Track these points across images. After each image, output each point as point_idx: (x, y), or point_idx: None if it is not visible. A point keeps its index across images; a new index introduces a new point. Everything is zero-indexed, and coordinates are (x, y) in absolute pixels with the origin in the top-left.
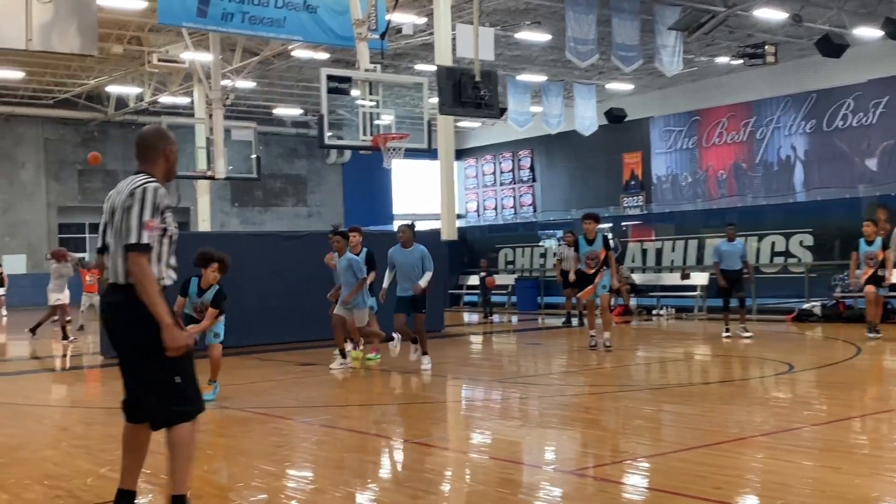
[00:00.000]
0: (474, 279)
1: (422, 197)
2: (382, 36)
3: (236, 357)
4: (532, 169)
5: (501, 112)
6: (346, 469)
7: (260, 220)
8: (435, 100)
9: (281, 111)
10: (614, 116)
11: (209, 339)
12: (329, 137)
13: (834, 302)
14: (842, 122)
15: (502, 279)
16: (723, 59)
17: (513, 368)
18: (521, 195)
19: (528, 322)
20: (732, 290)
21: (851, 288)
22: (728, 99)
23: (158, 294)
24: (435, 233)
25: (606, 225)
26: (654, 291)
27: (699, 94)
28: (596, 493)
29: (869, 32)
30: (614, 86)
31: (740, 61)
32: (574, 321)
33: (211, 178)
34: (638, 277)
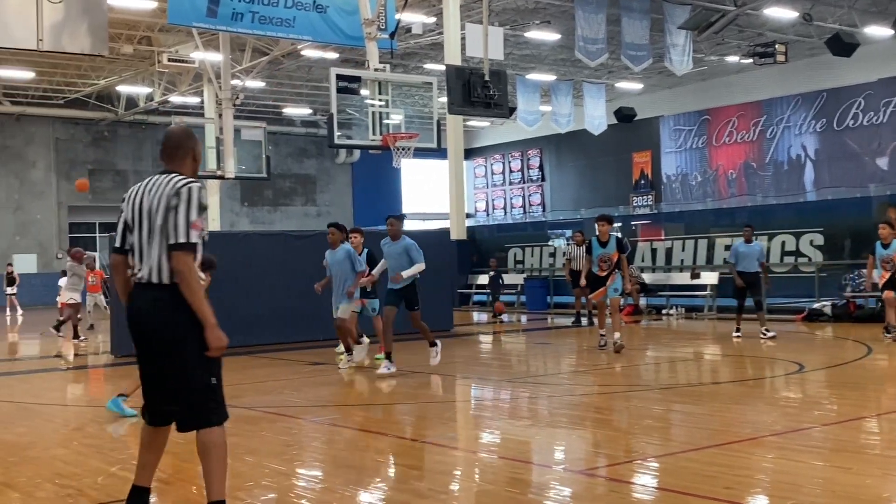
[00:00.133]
0: (483, 278)
1: (431, 196)
2: (392, 35)
3: (245, 356)
4: (541, 168)
5: (511, 111)
6: (356, 468)
7: (269, 220)
8: (444, 99)
9: (290, 111)
10: (624, 116)
11: None
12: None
13: (844, 301)
14: (852, 122)
15: (511, 279)
16: (733, 59)
17: (522, 368)
18: (530, 194)
19: (537, 322)
20: (749, 292)
21: (867, 290)
22: (738, 98)
23: (204, 293)
24: (444, 232)
25: (615, 224)
26: (663, 291)
27: (709, 94)
28: (606, 492)
29: (880, 31)
30: (624, 85)
31: (750, 60)
32: (584, 321)
33: (221, 177)
34: (648, 277)
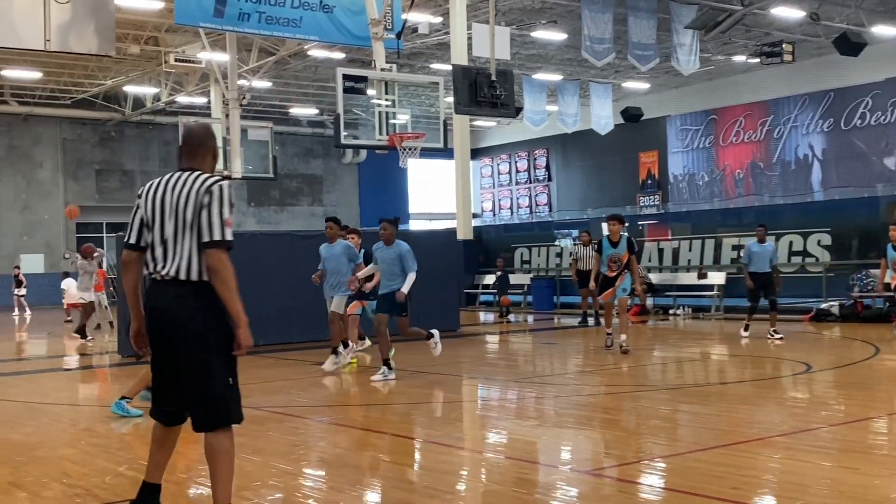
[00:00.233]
0: (490, 278)
1: (437, 196)
2: (398, 35)
3: (252, 356)
4: (548, 168)
5: (517, 111)
6: (362, 468)
7: (276, 220)
8: (450, 99)
9: (297, 111)
10: (630, 115)
11: None
12: (345, 137)
13: (852, 301)
14: (860, 121)
15: (518, 279)
16: (740, 58)
17: (529, 368)
18: (536, 194)
19: (543, 322)
20: (763, 292)
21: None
22: (745, 98)
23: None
24: (451, 232)
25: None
26: (670, 291)
27: (716, 93)
28: (613, 493)
29: (887, 31)
30: (630, 84)
31: (757, 60)
32: (590, 321)
33: (227, 177)
34: (654, 277)
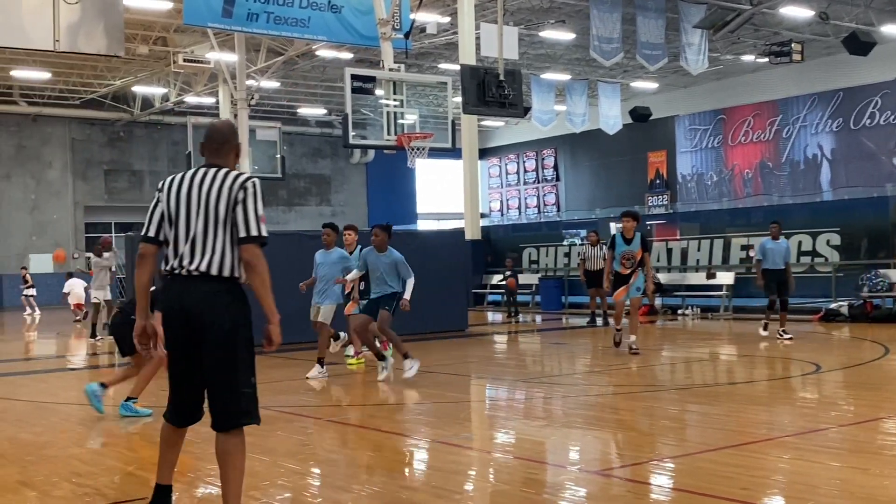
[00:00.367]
0: (498, 278)
1: (445, 196)
2: (406, 35)
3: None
4: (556, 168)
5: (525, 111)
6: (371, 468)
7: (284, 220)
8: (459, 99)
9: (305, 111)
10: (639, 115)
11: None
12: (353, 137)
13: (861, 302)
14: (869, 121)
15: (526, 279)
16: (748, 58)
17: (537, 368)
18: (544, 194)
19: (552, 322)
20: (777, 290)
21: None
22: (754, 97)
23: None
24: (459, 232)
25: None
26: (679, 291)
27: (725, 93)
28: (622, 493)
29: None
30: (639, 84)
31: (766, 59)
32: (598, 321)
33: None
34: (663, 277)
